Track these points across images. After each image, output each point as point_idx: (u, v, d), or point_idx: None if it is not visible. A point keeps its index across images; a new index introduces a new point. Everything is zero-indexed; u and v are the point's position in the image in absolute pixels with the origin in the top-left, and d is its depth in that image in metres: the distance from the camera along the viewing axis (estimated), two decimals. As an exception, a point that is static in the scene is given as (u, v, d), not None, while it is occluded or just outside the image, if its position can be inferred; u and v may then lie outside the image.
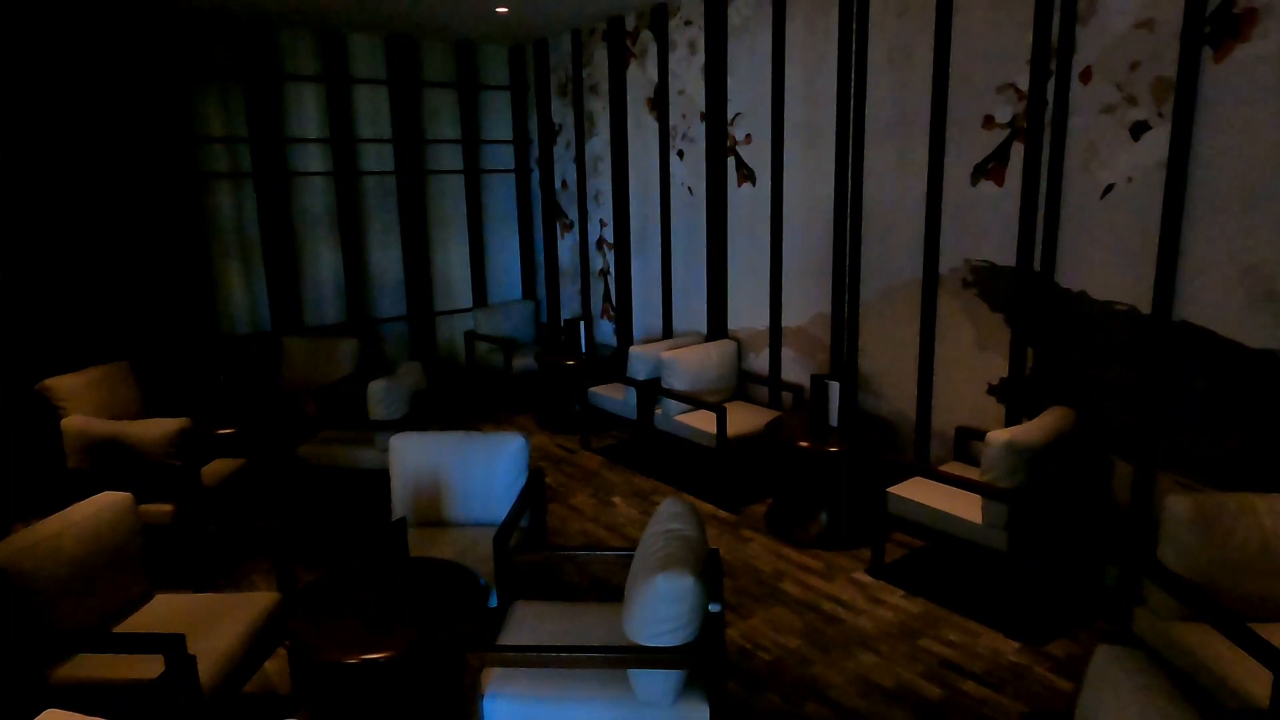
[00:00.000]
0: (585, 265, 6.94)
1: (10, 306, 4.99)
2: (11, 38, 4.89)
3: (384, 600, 2.68)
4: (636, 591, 2.34)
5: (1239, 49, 3.11)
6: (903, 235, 4.39)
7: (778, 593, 3.78)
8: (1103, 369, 3.66)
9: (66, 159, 5.17)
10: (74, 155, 5.21)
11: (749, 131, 5.21)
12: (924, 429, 4.44)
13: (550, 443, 5.99)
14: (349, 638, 2.45)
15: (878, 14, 4.34)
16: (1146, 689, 1.69)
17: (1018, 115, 3.81)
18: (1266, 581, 2.60)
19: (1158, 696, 1.66)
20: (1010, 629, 3.39)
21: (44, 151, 5.08)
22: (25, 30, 4.94)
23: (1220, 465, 3.31)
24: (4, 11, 4.83)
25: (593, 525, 4.59)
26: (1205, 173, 3.24)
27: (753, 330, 5.43)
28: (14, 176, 4.97)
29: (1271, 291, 3.10)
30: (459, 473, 3.56)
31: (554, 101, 7.01)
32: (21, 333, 5.04)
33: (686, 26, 5.51)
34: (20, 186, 5.01)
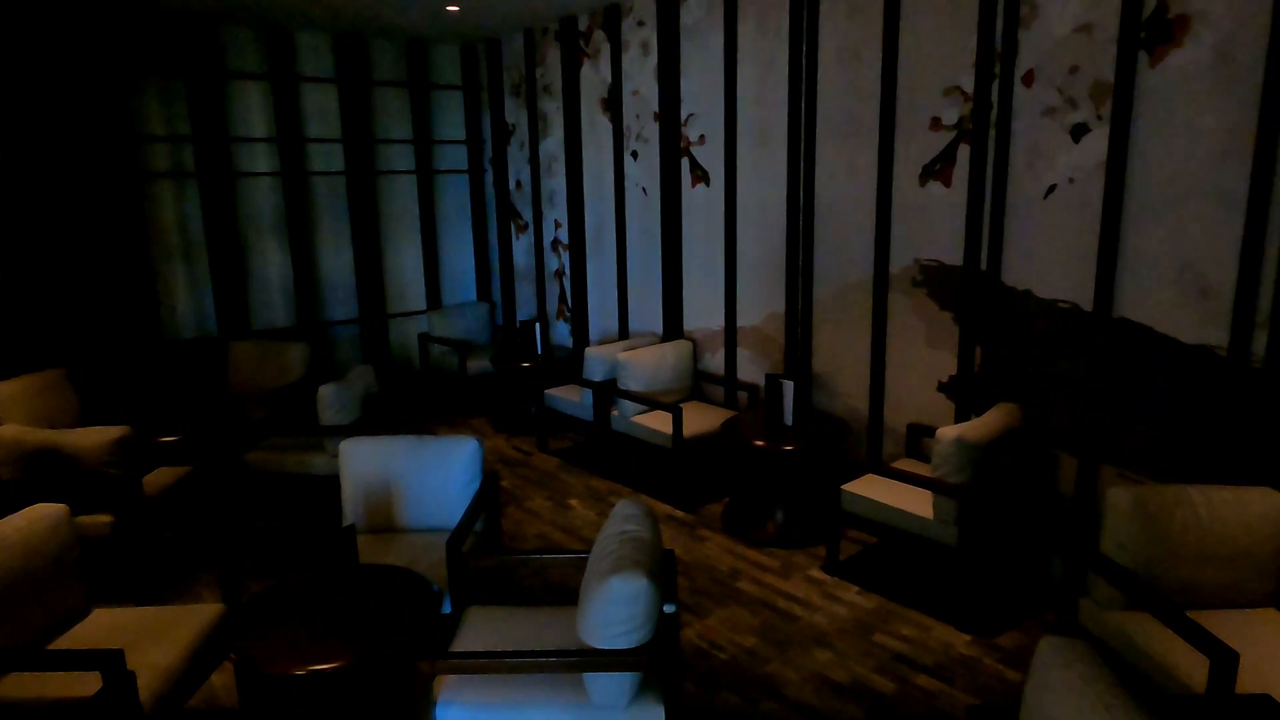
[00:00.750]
0: (540, 266, 6.89)
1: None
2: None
3: (333, 610, 2.62)
4: (590, 594, 2.33)
5: (1173, 54, 3.20)
6: (854, 235, 4.44)
7: (735, 592, 3.79)
8: (1048, 365, 3.74)
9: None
10: (6, 154, 5.02)
11: (702, 132, 5.23)
12: (876, 426, 4.50)
13: (506, 446, 5.94)
14: (297, 649, 2.39)
15: (827, 16, 4.39)
16: (1088, 678, 1.73)
17: (964, 117, 3.88)
18: (1202, 570, 2.69)
19: (1099, 685, 1.70)
20: (961, 622, 3.45)
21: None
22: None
23: (1159, 458, 3.41)
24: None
25: (549, 528, 4.55)
26: (1142, 174, 3.33)
27: (708, 330, 5.45)
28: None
29: (1204, 288, 3.20)
30: (411, 477, 3.50)
31: (507, 101, 6.95)
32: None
33: (640, 27, 5.51)
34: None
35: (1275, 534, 2.69)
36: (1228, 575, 2.70)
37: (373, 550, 3.31)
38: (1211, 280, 3.19)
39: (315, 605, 2.64)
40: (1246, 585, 2.71)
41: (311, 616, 2.57)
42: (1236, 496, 2.72)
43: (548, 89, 6.45)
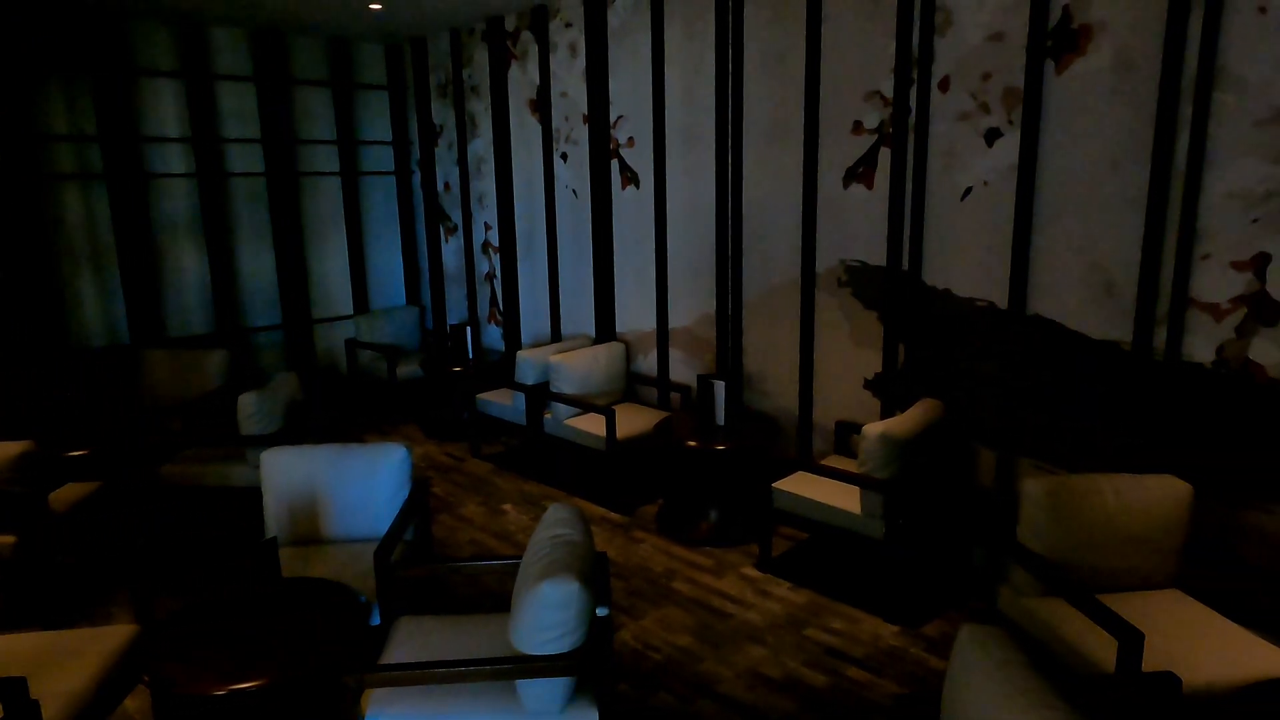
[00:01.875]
0: (471, 269, 6.81)
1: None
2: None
3: (254, 626, 2.53)
4: (521, 600, 2.31)
5: (1077, 62, 3.35)
6: (781, 237, 4.51)
7: (669, 592, 3.81)
8: (967, 362, 3.87)
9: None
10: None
11: (632, 134, 5.24)
12: (806, 424, 4.58)
13: (438, 452, 5.84)
14: (215, 668, 2.30)
15: (752, 20, 4.45)
16: (1005, 663, 1.79)
17: (884, 121, 3.99)
18: (1112, 555, 2.81)
19: (1015, 670, 1.76)
20: (889, 614, 3.54)
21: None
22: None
23: (1072, 449, 3.56)
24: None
25: (483, 534, 4.50)
26: (1051, 176, 3.48)
27: (640, 332, 5.46)
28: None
29: (1110, 286, 3.36)
30: (337, 487, 3.41)
31: (434, 102, 6.84)
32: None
33: (567, 29, 5.49)
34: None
35: (1177, 519, 2.84)
36: (1134, 559, 2.83)
37: (298, 563, 3.21)
38: (1116, 278, 3.34)
39: (235, 622, 2.55)
40: (1151, 568, 2.85)
41: (231, 634, 2.48)
42: (1141, 484, 2.85)
43: (475, 90, 6.37)
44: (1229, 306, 3.08)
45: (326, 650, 2.40)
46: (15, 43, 5.18)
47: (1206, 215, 3.10)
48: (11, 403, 5.11)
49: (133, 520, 4.55)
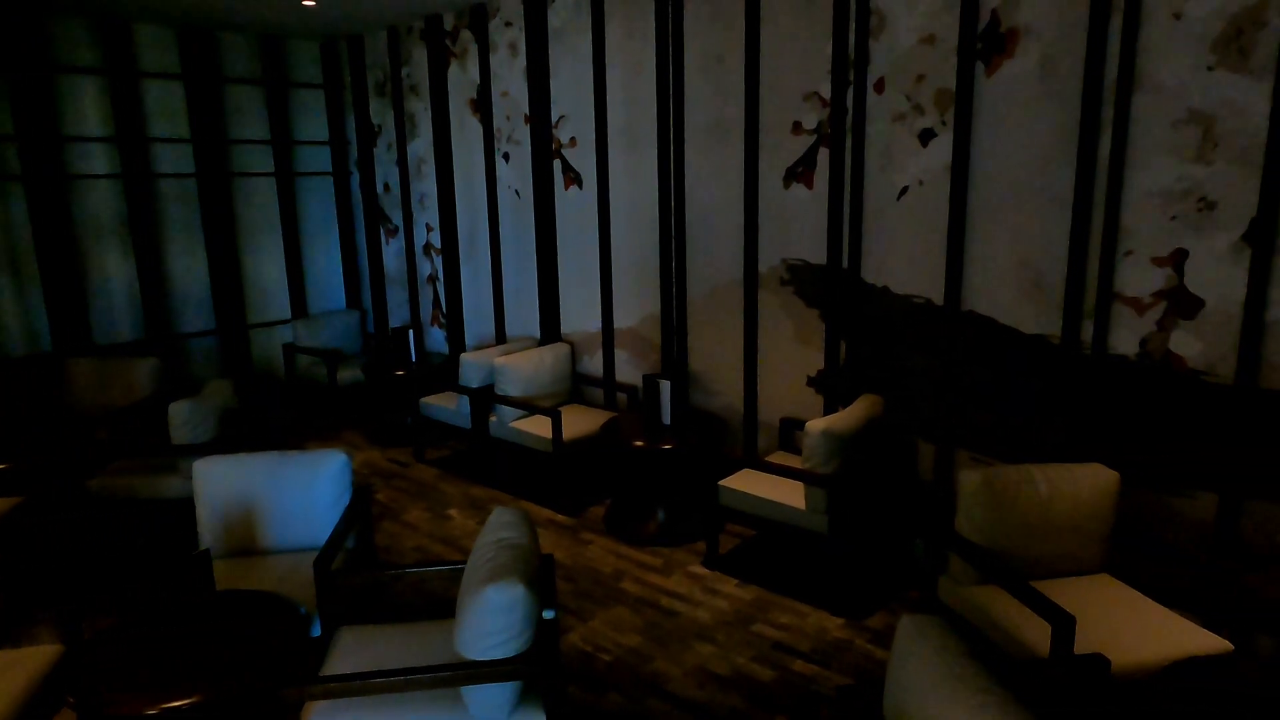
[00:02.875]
0: (412, 271, 6.70)
1: None
2: None
3: (187, 642, 2.45)
4: (466, 605, 2.28)
5: (1006, 64, 3.45)
6: (724, 236, 4.54)
7: (618, 593, 3.80)
8: (906, 357, 3.95)
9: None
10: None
11: (574, 134, 5.22)
12: (751, 422, 4.62)
13: (381, 458, 5.74)
14: (146, 687, 2.22)
15: (692, 21, 4.47)
16: (944, 651, 1.83)
17: (822, 122, 4.05)
18: (1045, 543, 2.90)
19: (953, 657, 1.80)
20: (834, 607, 3.59)
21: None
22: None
23: (1007, 440, 3.66)
24: None
25: (428, 540, 4.43)
26: (983, 176, 3.57)
27: (586, 333, 5.45)
28: None
29: (1040, 283, 3.47)
30: (274, 496, 3.32)
31: (372, 101, 6.72)
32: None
33: (507, 28, 5.44)
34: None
35: (1105, 506, 2.94)
36: (1066, 546, 2.92)
37: (234, 575, 3.12)
38: (1045, 275, 3.45)
39: (167, 639, 2.46)
40: (1082, 554, 2.95)
41: (162, 651, 2.39)
42: (1071, 473, 2.95)
43: (414, 89, 6.28)
44: (1150, 301, 3.20)
45: (264, 664, 2.33)
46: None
47: (1129, 213, 3.21)
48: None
49: (58, 535, 4.35)
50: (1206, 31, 2.96)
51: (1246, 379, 3.00)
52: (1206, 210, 3.04)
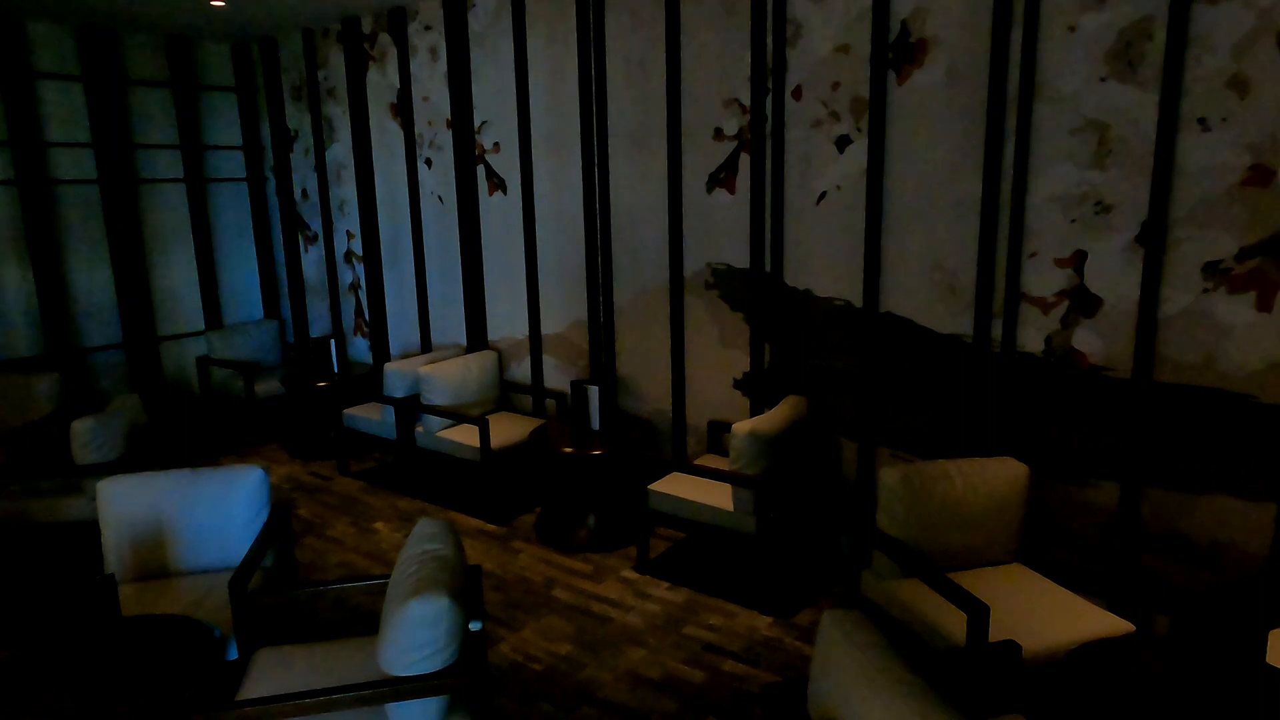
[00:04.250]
0: (333, 279, 6.53)
1: None
2: None
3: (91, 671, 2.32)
4: (389, 620, 2.22)
5: (916, 74, 3.57)
6: (649, 241, 4.57)
7: (549, 601, 3.77)
8: (828, 359, 4.04)
9: None
10: None
11: (497, 140, 5.18)
12: (680, 425, 4.65)
13: (303, 472, 5.56)
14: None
15: (613, 28, 4.49)
16: (865, 645, 1.87)
17: (743, 128, 4.11)
18: (961, 535, 3.00)
19: (873, 650, 1.85)
20: (764, 606, 3.64)
21: None
22: None
23: (924, 437, 3.78)
24: None
25: (353, 555, 4.31)
26: (897, 181, 3.68)
27: (513, 340, 5.40)
28: None
29: (952, 284, 3.59)
30: (186, 515, 3.19)
31: (288, 105, 6.53)
32: None
33: (426, 31, 5.36)
34: None
35: (1016, 498, 3.07)
36: (981, 537, 3.03)
37: (143, 600, 2.98)
38: (957, 276, 3.58)
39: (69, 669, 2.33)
40: (996, 545, 3.06)
41: (65, 682, 2.27)
42: (984, 467, 3.06)
43: (332, 93, 6.13)
44: (1054, 300, 3.35)
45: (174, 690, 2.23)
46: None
47: (1032, 216, 3.36)
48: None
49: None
50: (1099, 44, 3.12)
51: (1142, 373, 3.17)
52: (1103, 213, 3.20)
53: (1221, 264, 2.98)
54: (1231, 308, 2.98)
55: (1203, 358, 3.05)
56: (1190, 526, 3.15)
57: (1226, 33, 2.87)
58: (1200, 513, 3.12)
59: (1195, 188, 3.00)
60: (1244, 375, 2.98)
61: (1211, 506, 3.10)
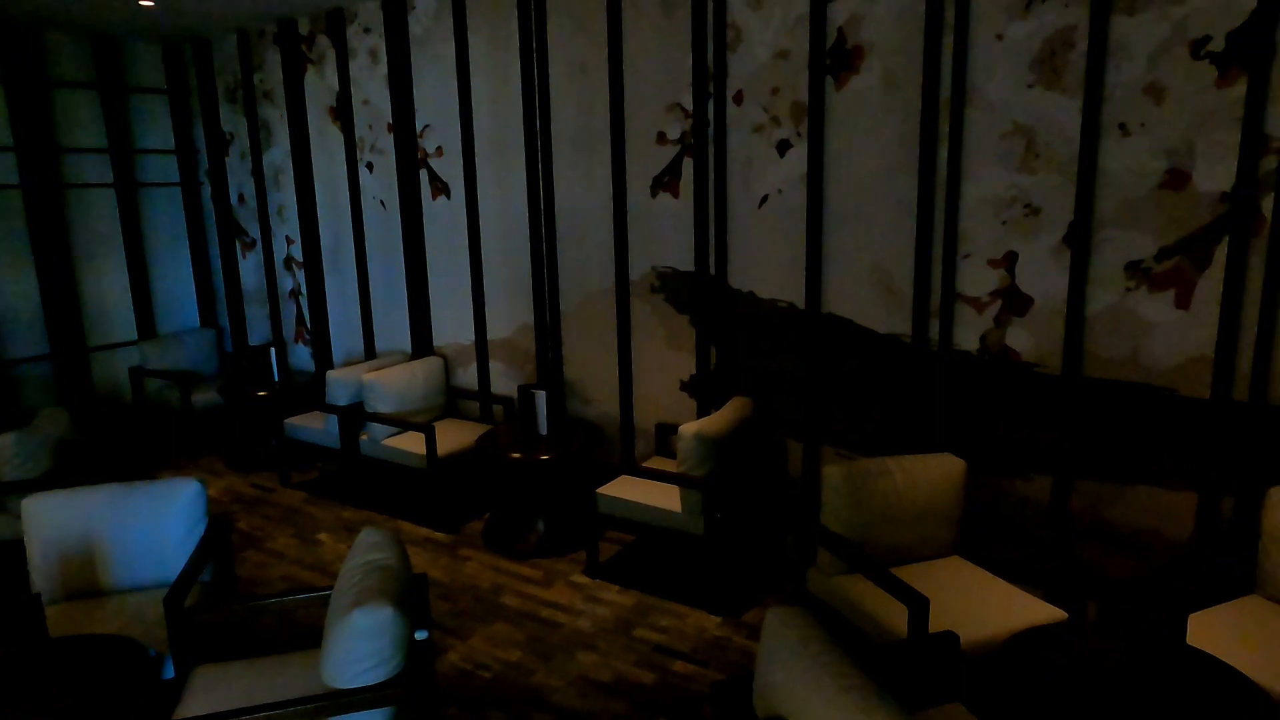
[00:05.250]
0: (273, 286, 6.38)
1: None
2: None
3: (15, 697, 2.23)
4: (332, 632, 2.19)
5: (853, 79, 3.64)
6: (595, 245, 4.57)
7: (498, 608, 3.75)
8: (773, 360, 4.10)
9: None
10: None
11: (440, 144, 5.13)
12: (628, 428, 4.66)
13: (243, 484, 5.43)
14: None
15: (555, 31, 4.48)
16: (806, 640, 1.90)
17: (686, 132, 4.14)
18: (901, 531, 3.07)
19: (816, 645, 1.88)
20: (713, 606, 3.67)
21: None
22: None
23: (867, 434, 3.85)
24: None
25: (296, 568, 4.22)
26: (836, 184, 3.75)
27: (459, 345, 5.35)
28: None
29: (891, 285, 3.67)
30: (119, 532, 3.08)
31: (223, 108, 6.37)
32: None
33: (366, 34, 5.29)
34: None
35: (954, 492, 3.15)
36: (921, 532, 3.11)
37: (73, 619, 2.87)
38: (895, 277, 3.66)
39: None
40: (935, 539, 3.14)
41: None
42: (923, 463, 3.14)
43: (269, 95, 5.99)
44: (988, 300, 3.46)
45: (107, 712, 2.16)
46: None
47: (966, 219, 3.46)
48: None
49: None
50: (1025, 52, 3.23)
51: (1071, 369, 3.29)
52: (1032, 215, 3.31)
53: (1142, 263, 3.11)
54: (1152, 305, 3.11)
55: (1127, 353, 3.18)
56: (1118, 516, 3.27)
57: (1143, 42, 3.00)
58: (1127, 503, 3.25)
59: (1117, 190, 3.12)
60: (1165, 370, 3.11)
61: (1137, 496, 3.23)
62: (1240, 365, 2.99)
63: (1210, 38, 2.89)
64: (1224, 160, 2.92)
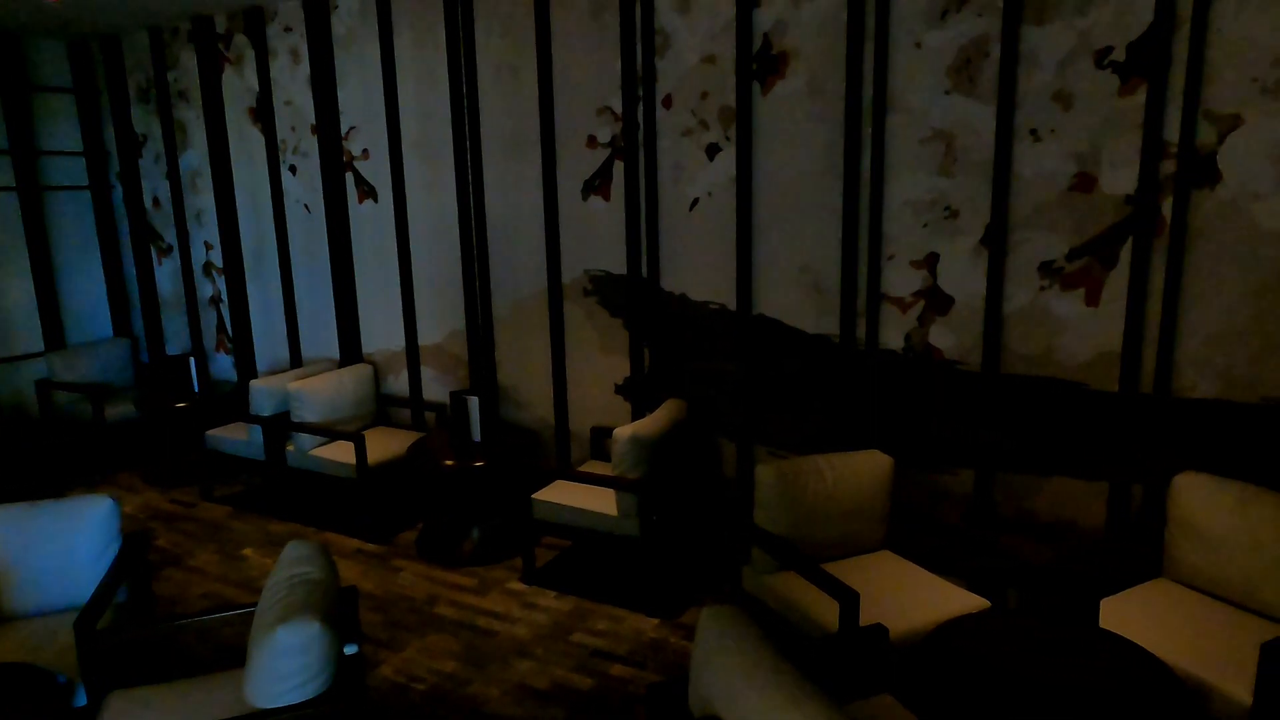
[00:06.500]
0: (191, 293, 6.15)
1: None
2: None
3: (-92, 733, 2.10)
4: (255, 650, 2.12)
5: (779, 84, 3.70)
6: (527, 249, 4.54)
7: (433, 618, 3.68)
8: (706, 361, 4.13)
9: None
10: None
11: (366, 146, 5.02)
12: (563, 433, 4.64)
13: (162, 499, 5.21)
14: None
15: (483, 34, 4.44)
16: (740, 638, 1.92)
17: (616, 136, 4.15)
18: (832, 527, 3.13)
19: (749, 643, 1.90)
20: (650, 608, 3.67)
21: None
22: None
23: (798, 433, 3.92)
24: None
25: (219, 585, 4.07)
26: (765, 188, 3.81)
27: (389, 352, 5.24)
28: None
29: (819, 286, 3.75)
30: (23, 553, 2.92)
31: (135, 108, 6.11)
32: None
33: (287, 33, 5.14)
34: None
35: (882, 488, 3.23)
36: (851, 528, 3.18)
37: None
38: (823, 278, 3.74)
39: (-120, 733, 2.09)
40: (865, 534, 3.21)
41: (-126, 749, 2.03)
42: (852, 460, 3.21)
43: (184, 95, 5.77)
44: (911, 300, 3.55)
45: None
46: None
47: (890, 221, 3.55)
48: None
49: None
50: (942, 59, 3.33)
51: (990, 366, 3.41)
52: (952, 217, 3.42)
53: (1055, 263, 3.24)
54: (1064, 303, 3.24)
55: (1042, 350, 3.31)
56: (1036, 506, 3.41)
57: (1051, 51, 3.13)
58: (1045, 493, 3.38)
59: (1030, 193, 3.25)
60: (1077, 365, 3.25)
61: (1054, 487, 3.36)
62: (1145, 360, 3.14)
63: (1112, 48, 3.03)
64: (1127, 164, 3.06)
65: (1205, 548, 2.80)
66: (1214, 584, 2.79)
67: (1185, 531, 2.86)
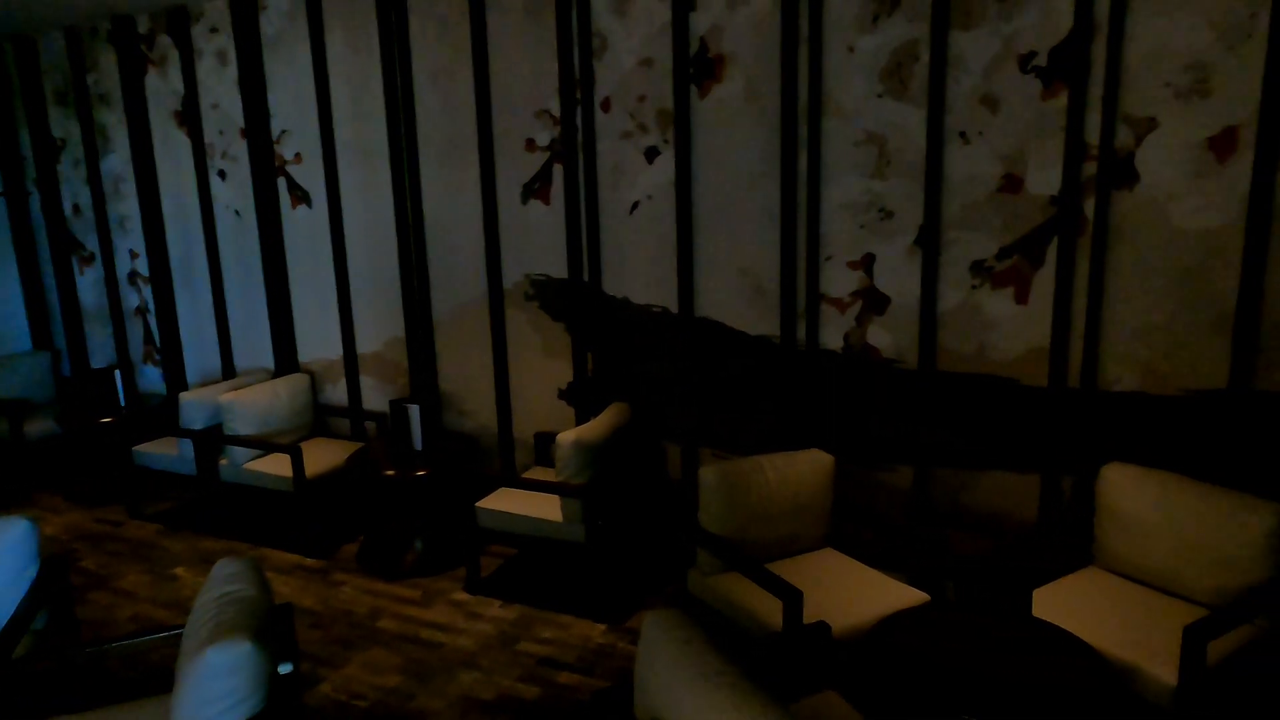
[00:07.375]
0: (116, 304, 5.91)
1: None
2: None
3: None
4: (184, 673, 2.03)
5: (716, 88, 3.73)
6: (466, 254, 4.48)
7: (375, 633, 3.59)
8: (649, 364, 4.13)
9: None
10: None
11: (298, 150, 4.89)
12: (507, 439, 4.59)
13: (87, 519, 4.98)
14: None
15: (417, 34, 4.37)
16: (685, 641, 1.91)
17: (555, 139, 4.13)
18: (776, 527, 3.16)
19: (693, 646, 1.89)
20: (596, 614, 3.65)
21: None
22: None
23: (741, 434, 3.94)
24: None
25: (148, 606, 3.91)
26: (704, 190, 3.83)
27: (326, 361, 5.11)
28: None
29: (759, 288, 3.78)
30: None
31: (51, 111, 5.85)
32: None
33: (213, 34, 4.99)
34: None
35: (824, 486, 3.26)
36: (794, 527, 3.20)
37: (-125, 684, 2.54)
38: (763, 280, 3.77)
39: None
40: (807, 533, 3.24)
41: None
42: (794, 460, 3.24)
43: (104, 98, 5.55)
44: (849, 300, 3.61)
45: (-86, 787, 1.92)
46: None
47: (827, 223, 3.60)
48: None
49: None
50: (874, 63, 3.39)
51: (926, 364, 3.48)
52: (887, 219, 3.48)
53: (985, 263, 3.33)
54: (995, 302, 3.33)
55: (975, 347, 3.39)
56: (973, 500, 3.49)
57: (978, 56, 3.21)
58: (981, 487, 3.47)
59: (961, 194, 3.33)
60: (1009, 361, 3.34)
61: (989, 481, 3.45)
62: (1073, 355, 3.24)
63: (1035, 53, 3.13)
64: (1052, 166, 3.16)
65: (1132, 536, 2.90)
66: (1141, 571, 2.89)
67: (1113, 521, 2.96)
